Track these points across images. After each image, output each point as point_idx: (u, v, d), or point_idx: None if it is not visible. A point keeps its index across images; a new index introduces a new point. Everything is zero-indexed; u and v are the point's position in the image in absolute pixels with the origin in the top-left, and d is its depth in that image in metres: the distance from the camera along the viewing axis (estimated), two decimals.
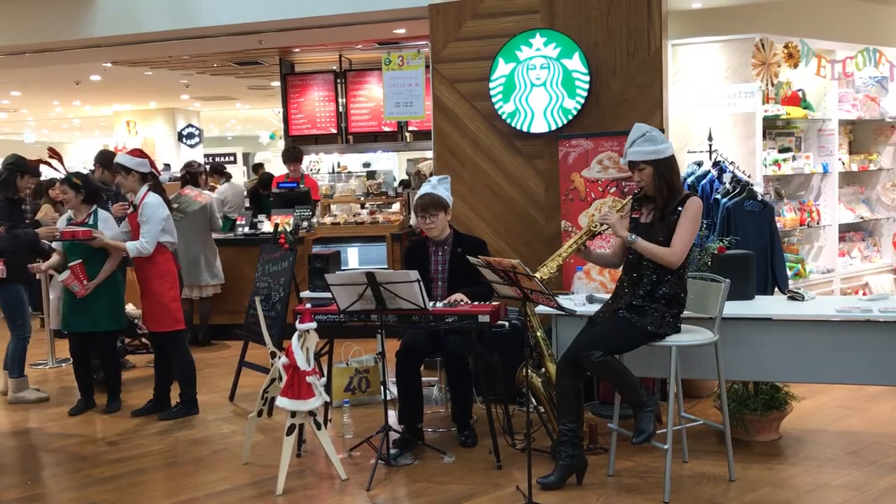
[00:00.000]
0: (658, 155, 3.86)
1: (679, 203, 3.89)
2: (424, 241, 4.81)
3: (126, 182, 5.40)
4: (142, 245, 5.18)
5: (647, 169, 3.88)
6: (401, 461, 4.37)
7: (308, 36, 7.90)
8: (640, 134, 3.90)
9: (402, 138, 10.23)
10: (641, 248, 3.86)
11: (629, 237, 3.87)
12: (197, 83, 13.22)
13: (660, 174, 3.87)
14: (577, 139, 5.53)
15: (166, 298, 5.28)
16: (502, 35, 5.85)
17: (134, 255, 5.22)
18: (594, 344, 3.81)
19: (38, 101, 15.77)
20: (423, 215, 4.66)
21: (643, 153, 3.86)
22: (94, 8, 7.41)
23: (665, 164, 3.88)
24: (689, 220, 3.86)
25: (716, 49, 6.04)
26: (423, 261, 4.74)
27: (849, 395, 5.30)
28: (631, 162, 3.92)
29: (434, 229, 4.67)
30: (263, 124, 21.15)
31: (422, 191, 4.76)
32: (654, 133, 3.91)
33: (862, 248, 7.15)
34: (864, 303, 4.27)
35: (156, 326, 5.35)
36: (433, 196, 4.65)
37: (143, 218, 5.20)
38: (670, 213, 3.88)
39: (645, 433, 3.81)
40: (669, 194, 3.89)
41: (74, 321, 5.44)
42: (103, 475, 4.45)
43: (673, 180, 3.92)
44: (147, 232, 5.19)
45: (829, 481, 3.99)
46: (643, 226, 3.97)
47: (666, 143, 3.92)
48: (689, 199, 3.90)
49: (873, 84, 7.01)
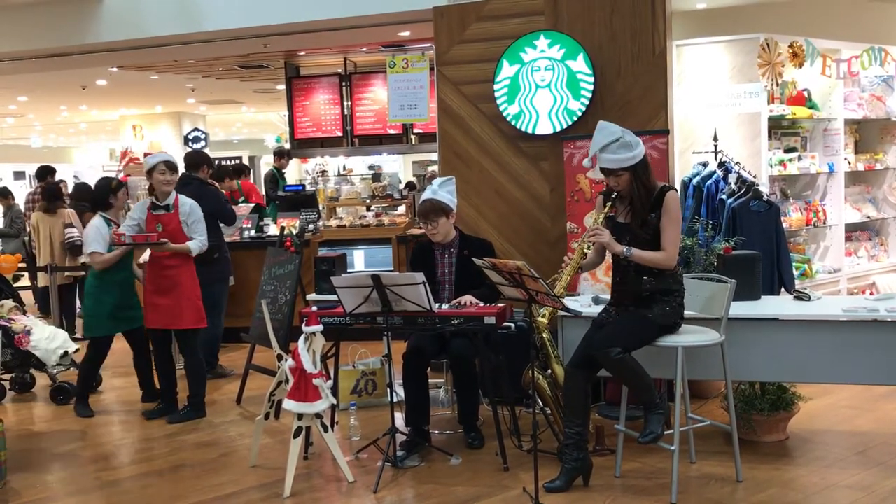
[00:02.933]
0: (634, 160, 3.79)
1: (656, 201, 3.83)
2: (430, 243, 4.79)
3: (172, 181, 5.39)
4: (202, 243, 5.37)
5: (625, 175, 3.81)
6: (407, 463, 4.38)
7: (313, 39, 7.93)
8: (614, 139, 3.79)
9: (407, 141, 10.24)
10: (637, 258, 3.82)
11: (625, 251, 3.83)
12: (203, 87, 13.26)
13: (637, 178, 3.81)
14: (582, 140, 5.53)
15: (195, 296, 5.39)
16: (506, 37, 5.86)
17: (196, 254, 5.36)
18: (611, 341, 3.80)
19: (45, 105, 15.84)
20: (425, 222, 4.66)
21: (621, 160, 3.78)
22: (101, 13, 7.45)
23: (641, 167, 3.82)
24: (672, 220, 3.81)
25: (720, 49, 6.04)
26: (430, 264, 4.73)
27: (856, 396, 5.28)
28: (605, 168, 3.84)
29: (437, 234, 4.66)
30: (269, 128, 21.19)
31: (423, 196, 4.74)
32: (627, 137, 3.81)
33: (868, 248, 7.12)
34: (871, 302, 4.27)
35: (181, 323, 5.36)
36: (433, 202, 4.62)
37: (193, 217, 5.36)
38: (650, 211, 3.84)
39: (652, 433, 3.79)
40: (647, 194, 3.84)
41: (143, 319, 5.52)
42: (111, 478, 4.47)
43: (648, 180, 3.84)
44: (201, 231, 5.38)
45: (837, 482, 3.98)
46: (623, 226, 3.92)
47: (639, 146, 3.82)
48: (667, 195, 3.82)
49: (879, 83, 6.99)
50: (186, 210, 5.36)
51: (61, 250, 8.39)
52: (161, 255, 5.31)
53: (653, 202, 3.84)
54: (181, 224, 5.33)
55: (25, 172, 21.00)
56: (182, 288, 5.34)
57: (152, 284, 5.38)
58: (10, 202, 10.96)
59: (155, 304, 5.36)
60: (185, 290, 5.35)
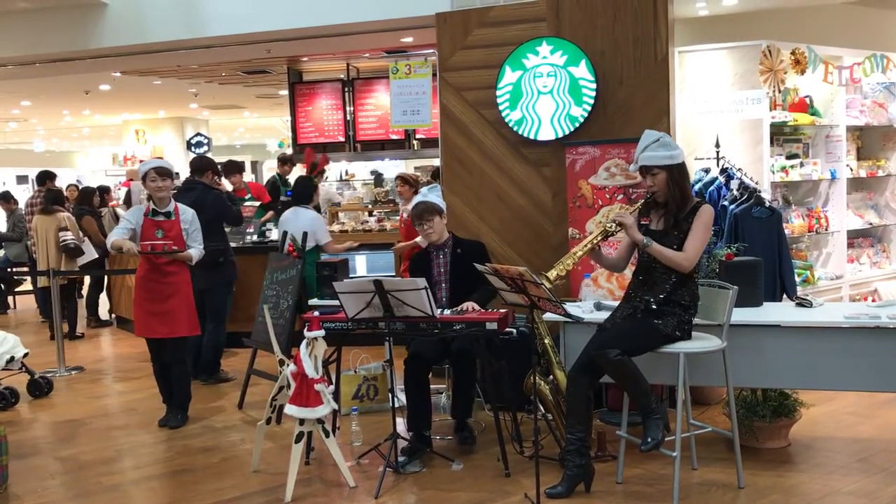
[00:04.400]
0: (672, 160, 3.88)
1: (691, 211, 3.91)
2: (427, 248, 4.91)
3: (170, 187, 5.40)
4: (201, 251, 5.41)
5: (661, 174, 3.89)
6: (409, 469, 4.38)
7: (316, 45, 7.95)
8: (654, 139, 3.91)
9: (409, 146, 10.26)
10: (655, 252, 3.86)
11: (644, 240, 3.88)
12: (205, 92, 13.30)
13: (673, 180, 3.89)
14: (584, 146, 5.54)
15: (191, 302, 5.42)
16: (509, 43, 5.87)
17: (196, 261, 5.39)
18: (611, 343, 3.81)
19: (48, 110, 15.89)
20: (420, 223, 4.78)
21: (658, 158, 3.87)
22: (104, 18, 7.48)
23: (678, 170, 3.90)
24: (702, 226, 3.87)
25: (723, 56, 6.05)
26: (426, 266, 4.83)
27: (858, 402, 5.27)
28: (644, 167, 3.93)
29: (433, 233, 4.78)
30: (271, 133, 21.24)
31: (415, 200, 4.89)
32: (667, 139, 3.93)
33: (871, 255, 7.12)
34: (873, 309, 4.26)
35: (178, 331, 5.34)
36: (426, 203, 4.76)
37: (194, 226, 5.40)
38: (683, 220, 3.89)
39: (653, 440, 3.80)
40: (682, 200, 3.91)
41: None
42: (113, 482, 4.47)
43: (685, 186, 3.94)
44: (200, 239, 5.43)
45: (839, 489, 3.97)
46: (654, 233, 3.97)
47: (679, 149, 3.94)
48: (702, 206, 3.92)
49: (881, 90, 7.00)
50: (188, 218, 5.38)
51: (56, 253, 8.41)
52: (161, 262, 5.29)
53: (688, 214, 3.90)
54: (182, 232, 5.34)
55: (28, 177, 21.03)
56: (182, 295, 5.35)
57: (149, 292, 5.31)
58: (12, 206, 11.00)
59: (153, 312, 5.30)
60: (185, 297, 5.37)
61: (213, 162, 6.87)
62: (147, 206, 5.38)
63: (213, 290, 6.44)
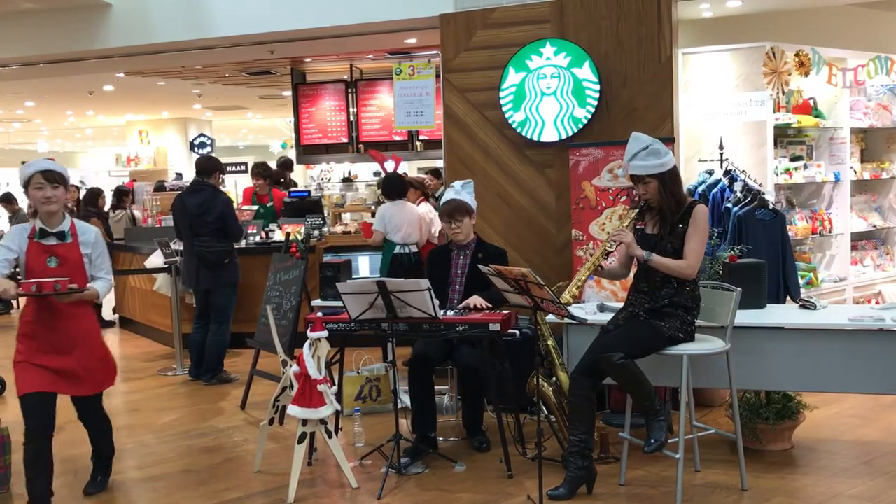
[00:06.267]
0: (663, 168, 3.84)
1: (685, 212, 3.89)
2: (448, 245, 4.85)
3: (62, 197, 3.86)
4: (110, 283, 4.00)
5: (653, 182, 3.86)
6: (411, 470, 4.38)
7: (319, 46, 7.95)
8: (643, 147, 3.86)
9: (412, 147, 10.26)
10: (657, 264, 3.84)
11: (644, 255, 3.86)
12: (209, 93, 13.31)
13: (665, 186, 3.85)
14: (587, 148, 5.54)
15: (103, 350, 4.07)
16: (513, 44, 5.87)
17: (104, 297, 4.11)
18: (615, 346, 3.81)
19: (52, 111, 15.91)
20: (449, 220, 4.70)
21: (648, 167, 3.83)
22: (108, 19, 7.49)
23: (669, 176, 3.87)
24: (698, 230, 3.85)
25: (726, 58, 6.04)
26: (445, 265, 4.78)
27: (862, 405, 5.26)
28: (635, 175, 3.90)
29: (460, 234, 4.72)
30: (275, 134, 21.24)
31: (447, 196, 4.80)
32: (656, 145, 3.88)
33: (875, 257, 7.11)
34: (877, 312, 4.26)
35: (86, 389, 3.99)
36: (458, 202, 4.69)
37: (98, 250, 3.93)
38: (678, 221, 3.88)
39: (657, 442, 3.79)
40: (676, 205, 3.89)
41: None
42: (115, 483, 4.47)
43: (678, 191, 3.91)
44: (108, 268, 3.99)
45: (843, 491, 3.96)
46: (651, 237, 3.96)
47: (668, 155, 3.89)
48: (696, 208, 3.89)
49: (885, 92, 6.99)
50: (91, 240, 3.90)
51: None
52: (59, 303, 3.79)
53: (682, 215, 3.87)
54: (83, 258, 3.87)
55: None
56: (89, 347, 3.92)
57: (41, 342, 3.79)
58: (14, 207, 11.01)
59: (45, 367, 3.77)
60: (94, 349, 3.96)
61: (221, 163, 6.86)
62: (32, 225, 3.85)
63: (218, 290, 6.44)
